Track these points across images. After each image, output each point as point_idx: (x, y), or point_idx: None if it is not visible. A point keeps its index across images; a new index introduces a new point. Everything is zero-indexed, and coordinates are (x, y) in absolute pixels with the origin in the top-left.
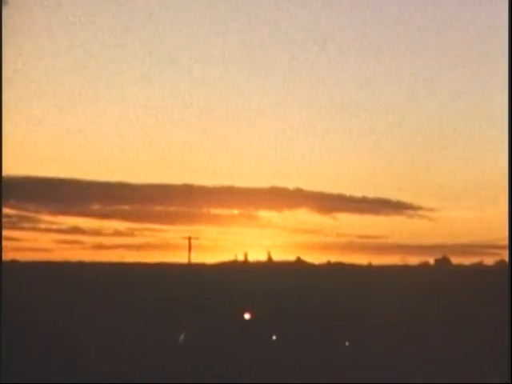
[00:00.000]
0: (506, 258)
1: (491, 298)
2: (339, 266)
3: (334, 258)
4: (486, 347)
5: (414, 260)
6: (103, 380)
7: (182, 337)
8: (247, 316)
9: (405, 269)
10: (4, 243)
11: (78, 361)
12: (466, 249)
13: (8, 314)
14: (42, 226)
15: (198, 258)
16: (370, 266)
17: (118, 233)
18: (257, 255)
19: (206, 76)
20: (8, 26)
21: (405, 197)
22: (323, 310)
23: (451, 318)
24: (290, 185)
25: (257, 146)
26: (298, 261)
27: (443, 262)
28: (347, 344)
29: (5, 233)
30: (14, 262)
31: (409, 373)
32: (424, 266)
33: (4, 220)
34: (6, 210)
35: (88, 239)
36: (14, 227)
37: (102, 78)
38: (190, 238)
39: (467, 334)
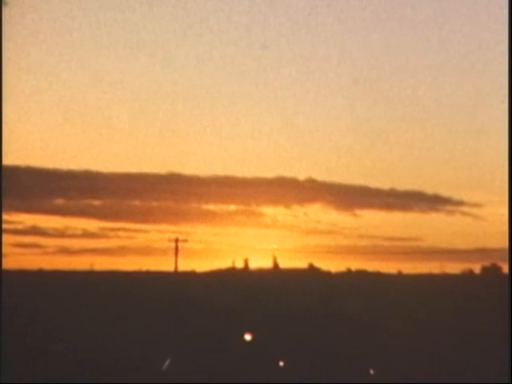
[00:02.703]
0: None
1: None
2: (362, 275)
3: (356, 264)
4: None
5: (454, 268)
6: None
7: (166, 363)
8: (248, 337)
9: (443, 278)
10: None
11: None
12: None
13: None
14: None
15: (186, 264)
16: (399, 276)
17: (86, 234)
18: (260, 261)
19: (202, 51)
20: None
21: (443, 189)
22: (342, 328)
23: (501, 336)
24: (301, 174)
25: (259, 127)
26: (311, 268)
27: (492, 271)
28: (372, 372)
29: None
30: None
31: None
32: (468, 276)
33: None
34: None
35: (50, 242)
36: None
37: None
38: (176, 241)
39: None
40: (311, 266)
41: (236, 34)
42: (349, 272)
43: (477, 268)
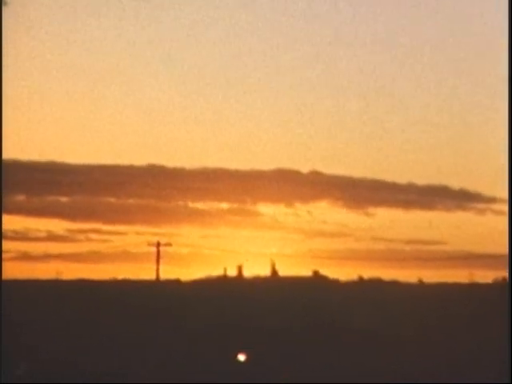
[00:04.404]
0: None
1: None
2: (376, 285)
3: (369, 272)
4: None
5: (485, 276)
6: None
7: None
8: (242, 357)
9: (473, 288)
10: None
11: None
12: None
13: None
14: None
15: (170, 272)
16: (420, 285)
17: (52, 237)
18: (256, 268)
19: (191, 32)
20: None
21: (471, 184)
22: (353, 346)
23: None
24: (304, 167)
25: (255, 111)
26: (316, 277)
27: None
28: None
29: None
30: None
31: None
32: (500, 285)
33: None
34: None
35: (9, 246)
36: None
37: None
38: (158, 244)
39: None
40: (316, 274)
41: (232, 17)
42: (361, 281)
43: None
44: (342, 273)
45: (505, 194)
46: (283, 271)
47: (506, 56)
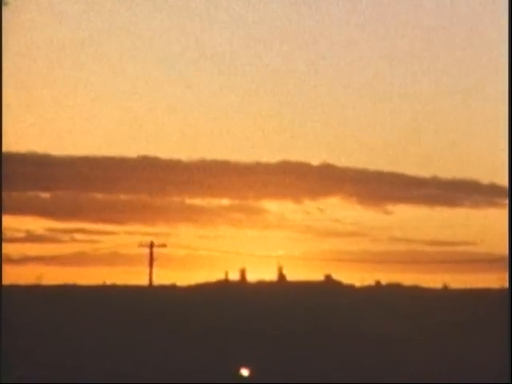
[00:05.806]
0: None
1: None
2: (395, 290)
3: (387, 277)
4: None
5: None
6: None
7: None
8: (245, 372)
9: (503, 294)
10: None
11: None
12: None
13: None
14: None
15: (164, 276)
16: (445, 291)
17: (32, 237)
18: (261, 272)
19: (188, 12)
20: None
21: (502, 177)
22: (369, 359)
23: None
24: (314, 158)
25: (259, 96)
26: (328, 281)
27: None
28: None
29: None
30: None
31: None
32: None
33: None
34: None
35: None
36: None
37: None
38: (151, 245)
39: None
40: (328, 279)
41: (235, 6)
42: (378, 286)
43: None
44: (357, 277)
45: None
46: (291, 275)
47: None
